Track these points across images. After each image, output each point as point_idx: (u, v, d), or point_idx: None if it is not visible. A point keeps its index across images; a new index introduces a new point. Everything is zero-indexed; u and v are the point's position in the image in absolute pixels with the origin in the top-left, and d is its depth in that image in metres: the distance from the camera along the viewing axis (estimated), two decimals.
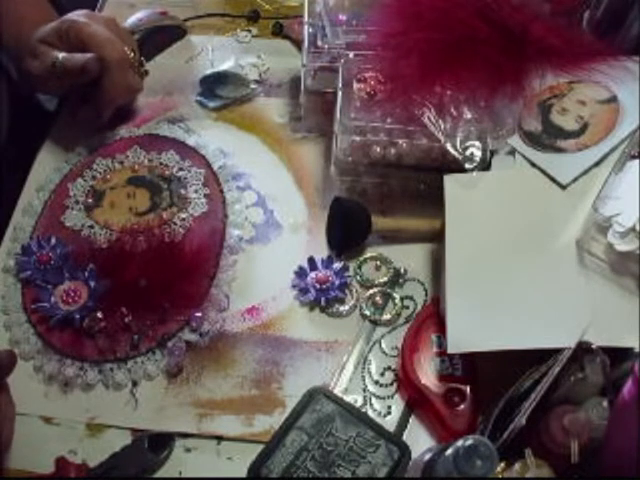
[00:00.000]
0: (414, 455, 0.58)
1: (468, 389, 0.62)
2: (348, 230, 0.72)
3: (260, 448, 0.59)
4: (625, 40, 0.76)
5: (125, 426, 0.64)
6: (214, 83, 0.86)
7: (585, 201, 0.64)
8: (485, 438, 0.48)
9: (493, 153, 0.71)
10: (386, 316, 0.69)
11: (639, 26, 0.75)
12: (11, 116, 0.84)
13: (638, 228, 0.58)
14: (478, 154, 0.70)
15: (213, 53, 0.90)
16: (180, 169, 0.79)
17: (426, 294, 0.71)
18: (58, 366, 0.67)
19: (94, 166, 0.80)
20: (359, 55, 0.74)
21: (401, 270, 0.72)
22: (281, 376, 0.66)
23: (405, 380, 0.64)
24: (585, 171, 0.69)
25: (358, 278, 0.72)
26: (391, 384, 0.66)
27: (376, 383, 0.66)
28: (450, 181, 0.69)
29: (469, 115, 0.71)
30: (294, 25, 0.90)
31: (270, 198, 0.78)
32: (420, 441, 0.62)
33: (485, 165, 0.70)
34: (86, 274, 0.70)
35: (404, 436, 0.63)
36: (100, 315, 0.68)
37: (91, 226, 0.75)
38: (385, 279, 0.71)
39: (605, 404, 0.55)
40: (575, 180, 0.68)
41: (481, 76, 0.71)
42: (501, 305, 0.62)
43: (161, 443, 0.63)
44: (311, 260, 0.71)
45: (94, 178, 0.79)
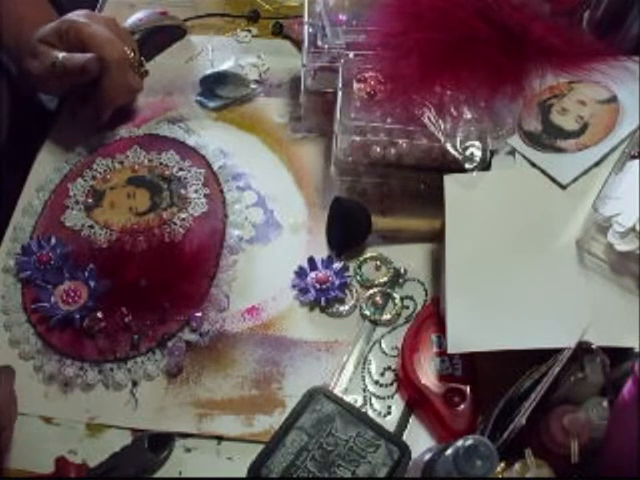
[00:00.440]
0: (414, 455, 0.58)
1: (468, 389, 0.62)
2: (348, 230, 0.72)
3: (260, 448, 0.59)
4: (625, 40, 0.76)
5: (125, 426, 0.64)
6: (214, 83, 0.86)
7: (585, 201, 0.64)
8: (485, 438, 0.48)
9: (493, 153, 0.71)
10: (386, 316, 0.69)
11: (639, 26, 0.75)
12: (11, 116, 0.84)
13: (638, 228, 0.58)
14: (478, 154, 0.70)
15: (213, 53, 0.90)
16: (180, 169, 0.79)
17: (426, 294, 0.71)
18: (58, 366, 0.67)
19: (94, 166, 0.80)
20: (359, 55, 0.74)
21: (401, 270, 0.72)
22: (281, 376, 0.66)
23: (405, 380, 0.64)
24: (585, 171, 0.69)
25: (358, 278, 0.72)
26: (391, 384, 0.66)
27: (376, 383, 0.66)
28: (450, 181, 0.69)
29: (469, 115, 0.71)
30: (294, 25, 0.90)
31: (270, 198, 0.78)
32: (420, 441, 0.62)
33: (485, 165, 0.70)
34: (86, 274, 0.70)
35: (404, 436, 0.63)
36: (100, 315, 0.68)
37: (91, 226, 0.75)
38: (385, 279, 0.71)
39: (605, 404, 0.55)
40: (575, 180, 0.68)
41: (481, 76, 0.71)
42: (501, 305, 0.62)
43: (161, 443, 0.63)
44: (311, 260, 0.71)
45: (94, 178, 0.79)
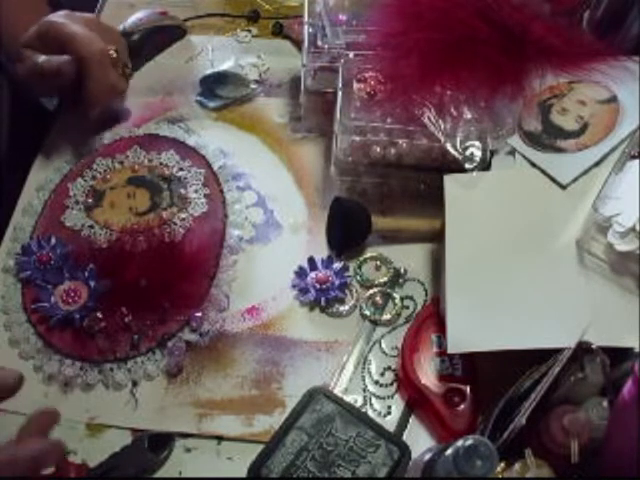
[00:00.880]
0: (414, 455, 0.58)
1: (468, 389, 0.62)
2: (348, 230, 0.72)
3: (260, 448, 0.59)
4: (625, 40, 0.76)
5: (125, 426, 0.64)
6: (214, 83, 0.86)
7: (585, 201, 0.64)
8: (485, 438, 0.48)
9: (493, 153, 0.71)
10: (386, 316, 0.69)
11: (639, 26, 0.75)
12: (11, 116, 0.84)
13: (638, 228, 0.58)
14: (478, 154, 0.70)
15: (213, 53, 0.90)
16: (180, 169, 0.79)
17: (426, 294, 0.71)
18: (58, 366, 0.67)
19: (94, 166, 0.80)
20: (359, 55, 0.74)
21: (401, 270, 0.72)
22: (281, 376, 0.66)
23: (405, 380, 0.64)
24: (585, 171, 0.69)
25: (358, 278, 0.72)
26: (391, 384, 0.66)
27: (376, 383, 0.66)
28: (450, 181, 0.69)
29: (469, 115, 0.71)
30: (294, 25, 0.90)
31: (270, 198, 0.78)
32: (420, 441, 0.62)
33: (485, 165, 0.70)
34: (86, 274, 0.70)
35: (404, 436, 0.63)
36: (100, 315, 0.68)
37: (91, 226, 0.75)
38: (385, 279, 0.71)
39: (605, 404, 0.55)
40: (575, 180, 0.68)
41: (481, 76, 0.71)
42: (501, 305, 0.62)
43: (161, 443, 0.62)
44: (311, 260, 0.71)
45: (94, 178, 0.79)
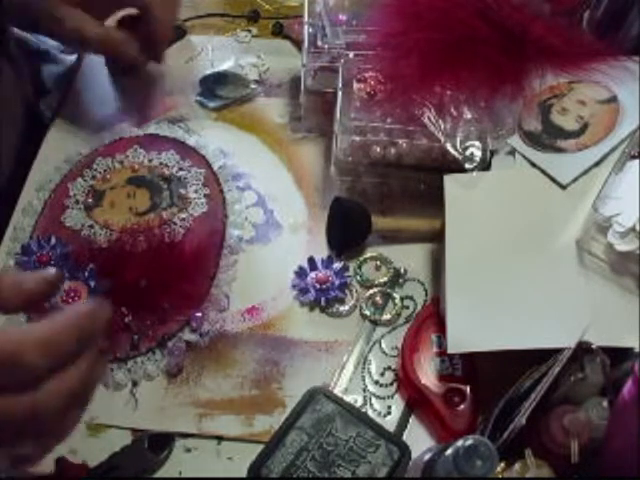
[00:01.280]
0: (414, 455, 0.58)
1: (468, 389, 0.62)
2: (348, 230, 0.72)
3: (260, 448, 0.59)
4: (625, 40, 0.76)
5: (125, 426, 0.64)
6: (214, 83, 0.86)
7: (585, 201, 0.64)
8: (485, 438, 0.48)
9: (493, 153, 0.71)
10: (386, 316, 0.69)
11: (639, 26, 0.75)
12: (11, 116, 0.84)
13: (638, 228, 0.58)
14: (478, 154, 0.70)
15: (213, 53, 0.90)
16: (180, 169, 0.79)
17: (426, 294, 0.71)
18: None
19: (94, 166, 0.80)
20: (359, 55, 0.74)
21: (401, 270, 0.72)
22: (281, 376, 0.66)
23: (405, 380, 0.64)
24: (585, 171, 0.69)
25: (358, 278, 0.72)
26: (391, 384, 0.66)
27: (376, 383, 0.66)
28: (450, 181, 0.69)
29: (469, 115, 0.71)
30: (294, 25, 0.90)
31: (270, 198, 0.78)
32: (420, 441, 0.62)
33: (485, 165, 0.70)
34: (86, 274, 0.70)
35: (404, 436, 0.63)
36: None
37: (91, 226, 0.75)
38: (385, 279, 0.71)
39: (605, 404, 0.55)
40: (575, 180, 0.68)
41: (481, 76, 0.71)
42: (501, 305, 0.62)
43: (161, 443, 0.62)
44: (311, 260, 0.71)
45: (94, 178, 0.79)
